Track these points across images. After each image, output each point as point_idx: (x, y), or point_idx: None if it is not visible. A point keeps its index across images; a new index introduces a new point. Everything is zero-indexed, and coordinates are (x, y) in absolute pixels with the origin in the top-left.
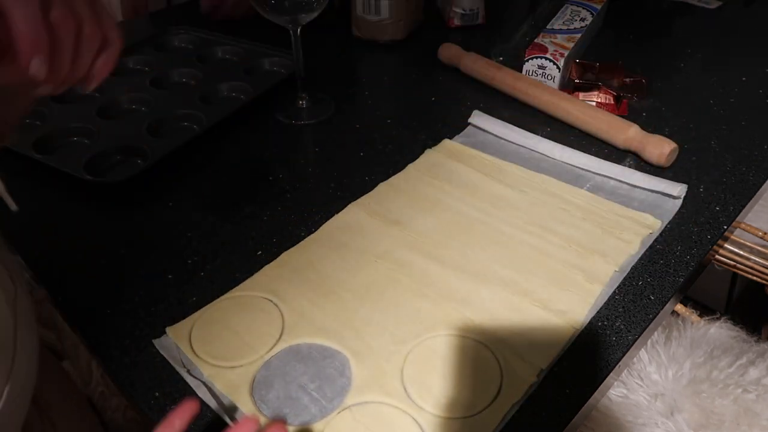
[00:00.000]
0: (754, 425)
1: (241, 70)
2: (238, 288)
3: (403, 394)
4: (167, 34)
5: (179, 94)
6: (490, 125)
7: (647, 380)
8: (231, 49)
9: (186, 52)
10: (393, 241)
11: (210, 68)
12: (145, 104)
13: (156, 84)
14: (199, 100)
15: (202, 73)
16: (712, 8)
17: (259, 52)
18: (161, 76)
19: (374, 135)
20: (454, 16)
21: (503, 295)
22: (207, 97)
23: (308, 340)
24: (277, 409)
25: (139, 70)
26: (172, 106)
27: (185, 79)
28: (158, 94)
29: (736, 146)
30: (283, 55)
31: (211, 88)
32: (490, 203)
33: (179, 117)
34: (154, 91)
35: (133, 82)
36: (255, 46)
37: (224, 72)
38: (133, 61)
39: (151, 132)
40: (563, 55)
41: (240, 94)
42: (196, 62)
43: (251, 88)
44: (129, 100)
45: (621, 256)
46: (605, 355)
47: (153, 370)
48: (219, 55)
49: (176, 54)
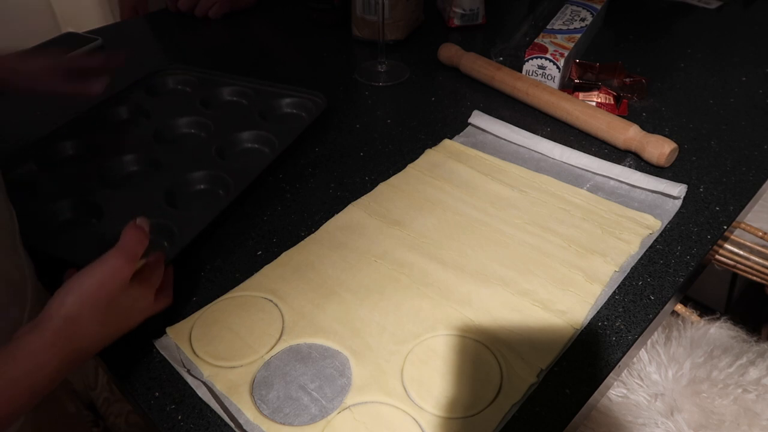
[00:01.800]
0: (754, 425)
1: (256, 115)
2: (238, 288)
3: (403, 394)
4: (158, 76)
5: (190, 151)
6: (489, 125)
7: (647, 380)
8: (238, 90)
9: (185, 95)
10: (393, 241)
11: (218, 114)
12: (154, 165)
13: (159, 138)
14: (217, 155)
15: (211, 120)
16: (712, 8)
17: (269, 93)
18: (163, 127)
19: (374, 135)
20: (454, 16)
21: (503, 295)
22: (224, 150)
23: (308, 340)
24: (277, 409)
25: (135, 122)
26: (186, 165)
27: (194, 129)
28: (165, 151)
29: (736, 146)
30: (297, 94)
31: (227, 139)
32: (490, 203)
33: (198, 179)
34: (160, 148)
35: (133, 136)
36: (262, 84)
37: (236, 118)
38: (126, 110)
39: (170, 203)
40: (563, 55)
41: (263, 145)
42: (201, 107)
43: (273, 137)
44: (134, 161)
45: (621, 256)
46: (605, 355)
47: (153, 370)
48: (225, 97)
49: (174, 98)
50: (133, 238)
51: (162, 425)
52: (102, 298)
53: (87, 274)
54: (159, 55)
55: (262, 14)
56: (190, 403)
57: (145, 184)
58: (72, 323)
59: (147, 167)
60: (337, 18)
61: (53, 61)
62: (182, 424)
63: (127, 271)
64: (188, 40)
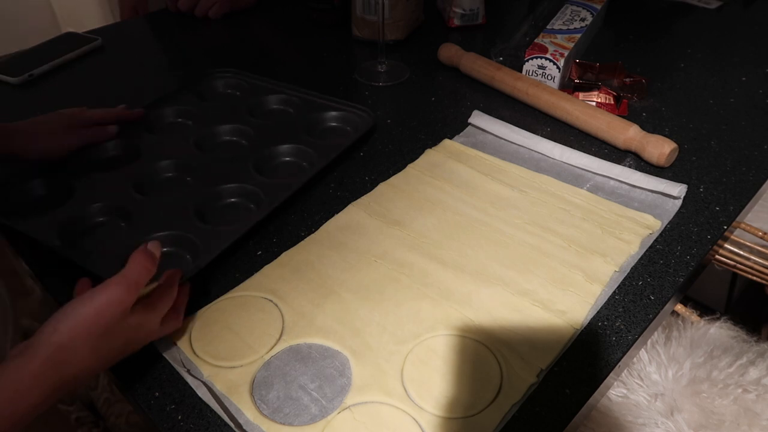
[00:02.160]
0: (754, 425)
1: (301, 128)
2: (238, 288)
3: (403, 394)
4: (208, 79)
5: (228, 161)
6: (489, 125)
7: (647, 380)
8: (285, 99)
9: (234, 100)
10: (393, 241)
11: (262, 123)
12: (190, 173)
13: (200, 145)
14: (253, 169)
15: (254, 129)
16: (712, 8)
17: (316, 104)
18: (206, 134)
19: (374, 135)
20: (454, 16)
21: (503, 295)
22: (261, 163)
23: (308, 340)
24: (277, 409)
25: (180, 125)
26: (221, 176)
27: (236, 137)
28: (203, 160)
29: (736, 146)
30: (344, 108)
31: (265, 153)
32: (490, 203)
33: (231, 192)
34: (199, 156)
35: (173, 141)
36: (310, 94)
37: (279, 128)
38: (174, 113)
39: (199, 215)
40: (563, 55)
41: (301, 160)
42: (246, 115)
43: (314, 153)
44: (169, 167)
45: (621, 256)
46: (605, 355)
47: (153, 370)
48: (271, 105)
49: (222, 103)
50: (138, 267)
51: (162, 425)
52: (98, 327)
53: (85, 301)
54: (159, 55)
55: (262, 14)
56: (190, 403)
57: (177, 192)
58: (62, 351)
59: (182, 174)
60: (337, 18)
61: (64, 126)
62: (182, 424)
63: (128, 302)
64: (188, 40)
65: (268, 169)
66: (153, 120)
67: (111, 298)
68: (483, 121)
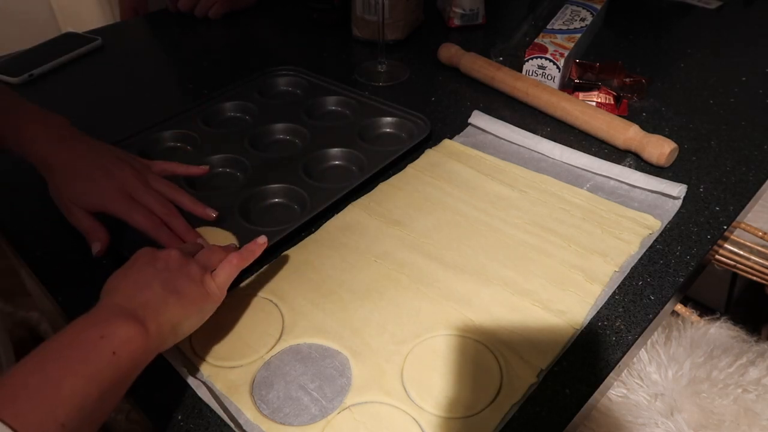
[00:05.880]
0: (754, 425)
1: (355, 133)
2: (238, 288)
3: (403, 394)
4: (271, 75)
5: (277, 161)
6: (489, 125)
7: (647, 380)
8: (343, 101)
9: (294, 99)
10: (393, 241)
11: (317, 124)
12: (242, 170)
13: (255, 143)
14: (303, 172)
15: (309, 129)
16: (712, 8)
17: (374, 108)
18: (260, 134)
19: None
20: (454, 16)
21: (503, 295)
22: (310, 169)
23: (308, 340)
24: (277, 409)
25: (239, 119)
26: (268, 175)
27: (289, 136)
28: (256, 156)
29: (736, 146)
30: (400, 114)
31: (316, 156)
32: (490, 203)
33: (276, 192)
34: (253, 153)
35: (231, 136)
36: (372, 99)
37: (334, 131)
38: (233, 107)
39: (243, 213)
40: (563, 55)
41: (351, 164)
42: (303, 115)
43: (364, 158)
44: (221, 162)
45: (621, 256)
46: (605, 355)
47: (153, 370)
48: (329, 106)
49: (281, 102)
50: (214, 256)
51: (162, 425)
52: (142, 264)
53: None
54: (159, 55)
55: (262, 14)
56: (190, 403)
57: (224, 189)
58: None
59: (232, 170)
60: (337, 18)
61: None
62: (182, 424)
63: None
64: (188, 40)
65: (316, 173)
66: (211, 114)
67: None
68: (483, 121)
